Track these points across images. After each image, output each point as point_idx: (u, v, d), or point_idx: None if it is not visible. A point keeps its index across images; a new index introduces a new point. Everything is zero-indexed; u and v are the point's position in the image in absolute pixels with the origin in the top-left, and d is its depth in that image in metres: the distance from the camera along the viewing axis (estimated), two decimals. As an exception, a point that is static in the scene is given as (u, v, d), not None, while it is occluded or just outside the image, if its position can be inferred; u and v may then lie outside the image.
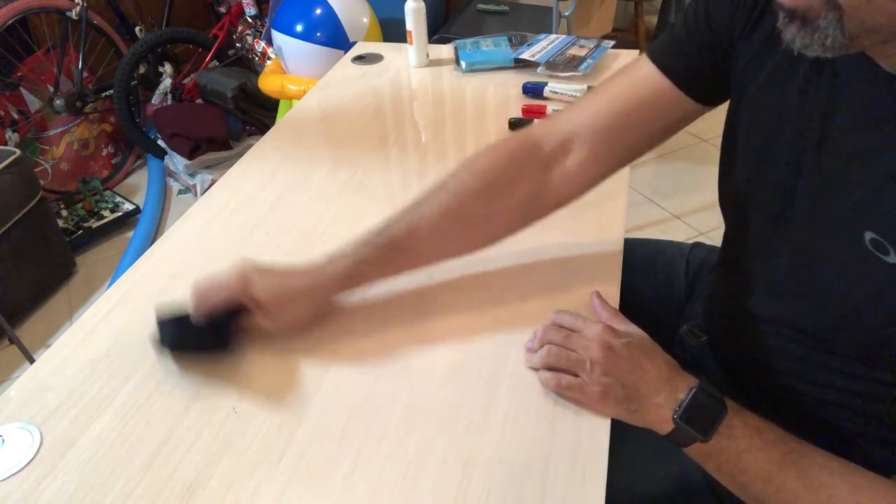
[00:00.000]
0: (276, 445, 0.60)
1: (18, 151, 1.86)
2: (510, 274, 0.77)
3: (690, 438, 0.57)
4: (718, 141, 0.68)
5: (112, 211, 2.28)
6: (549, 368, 0.63)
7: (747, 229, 0.65)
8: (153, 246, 0.86)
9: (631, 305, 0.73)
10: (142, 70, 2.55)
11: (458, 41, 1.34)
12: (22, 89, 2.30)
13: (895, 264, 0.51)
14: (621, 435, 0.60)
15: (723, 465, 0.57)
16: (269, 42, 2.23)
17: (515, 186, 0.71)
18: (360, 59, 1.35)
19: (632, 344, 0.62)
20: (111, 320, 0.75)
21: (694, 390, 0.58)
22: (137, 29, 2.59)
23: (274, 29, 1.93)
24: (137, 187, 2.51)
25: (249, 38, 2.54)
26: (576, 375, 0.61)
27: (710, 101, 0.67)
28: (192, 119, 2.41)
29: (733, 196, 0.67)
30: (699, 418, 0.57)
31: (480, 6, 2.29)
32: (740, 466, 0.56)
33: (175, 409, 0.64)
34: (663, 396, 0.58)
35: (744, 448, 0.56)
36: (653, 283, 0.95)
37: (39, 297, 1.98)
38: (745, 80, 0.62)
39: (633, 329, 0.66)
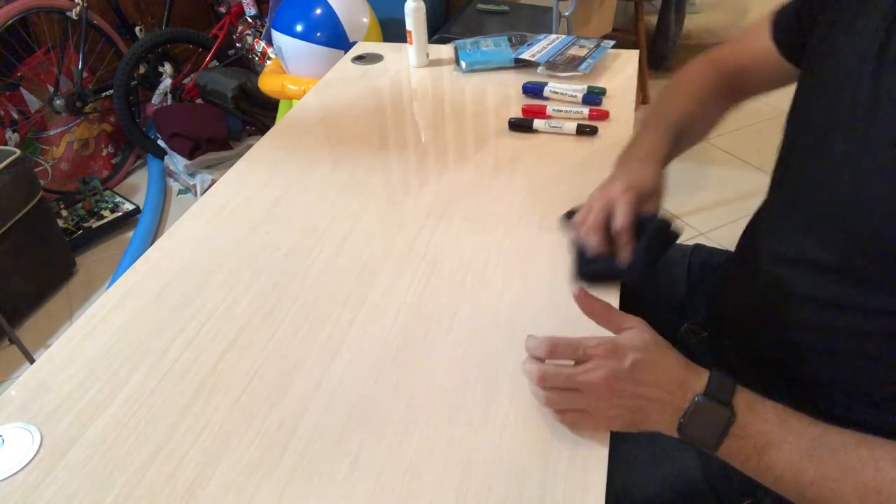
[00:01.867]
0: (276, 445, 0.60)
1: (18, 151, 1.86)
2: (510, 274, 0.77)
3: (699, 447, 0.56)
4: (719, 141, 0.68)
5: (112, 211, 2.29)
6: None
7: (800, 151, 0.67)
8: (153, 246, 0.86)
9: (631, 306, 0.73)
10: (142, 70, 2.55)
11: (458, 41, 1.34)
12: (22, 89, 2.30)
13: None
14: (620, 437, 0.60)
15: (746, 463, 0.55)
16: (269, 42, 2.23)
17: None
18: (360, 59, 1.35)
19: (636, 366, 0.57)
20: (111, 320, 0.75)
21: (698, 400, 0.55)
22: (137, 29, 2.59)
23: (274, 29, 1.93)
24: (137, 187, 2.51)
25: (249, 38, 2.54)
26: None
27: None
28: (192, 119, 2.42)
29: (794, 119, 0.70)
30: (703, 432, 0.55)
31: (480, 6, 2.29)
32: (765, 462, 0.54)
33: (175, 409, 0.64)
34: (668, 412, 0.57)
35: (763, 444, 0.54)
36: (653, 284, 0.95)
37: (39, 297, 1.98)
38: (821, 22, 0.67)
39: (633, 325, 0.61)
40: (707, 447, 0.56)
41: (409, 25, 1.24)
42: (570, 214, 0.76)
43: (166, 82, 2.60)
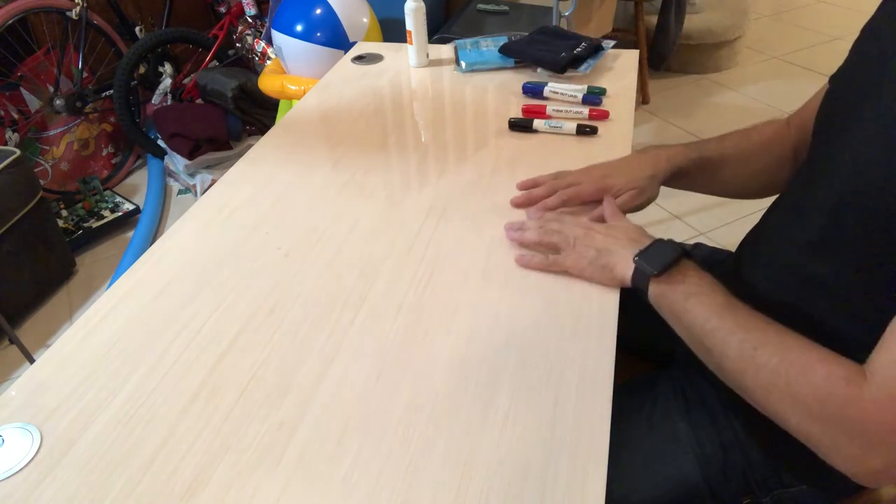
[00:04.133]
0: (276, 445, 0.60)
1: (18, 151, 1.86)
2: (509, 273, 0.77)
3: (646, 275, 0.66)
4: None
5: (112, 211, 2.29)
6: (537, 244, 0.77)
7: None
8: (153, 246, 0.86)
9: (631, 304, 0.73)
10: (142, 70, 2.55)
11: (458, 41, 1.34)
12: (22, 89, 2.30)
13: None
14: (618, 441, 0.60)
15: (672, 307, 0.65)
16: (269, 42, 2.23)
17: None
18: (360, 59, 1.35)
19: (613, 226, 0.75)
20: (111, 320, 0.75)
21: (656, 240, 0.70)
22: (137, 29, 2.59)
23: (274, 29, 1.92)
24: (137, 187, 2.51)
25: (249, 38, 2.54)
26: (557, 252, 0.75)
27: None
28: (192, 119, 2.41)
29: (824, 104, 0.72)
30: (654, 256, 0.67)
31: (480, 6, 2.29)
32: (686, 306, 0.64)
33: (175, 409, 0.64)
34: (629, 249, 0.70)
35: (692, 292, 0.64)
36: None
37: (39, 297, 1.98)
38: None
39: (625, 224, 0.76)
40: (653, 272, 0.65)
41: (409, 25, 1.24)
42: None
43: (166, 82, 2.60)
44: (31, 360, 1.71)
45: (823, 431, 0.53)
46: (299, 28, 1.86)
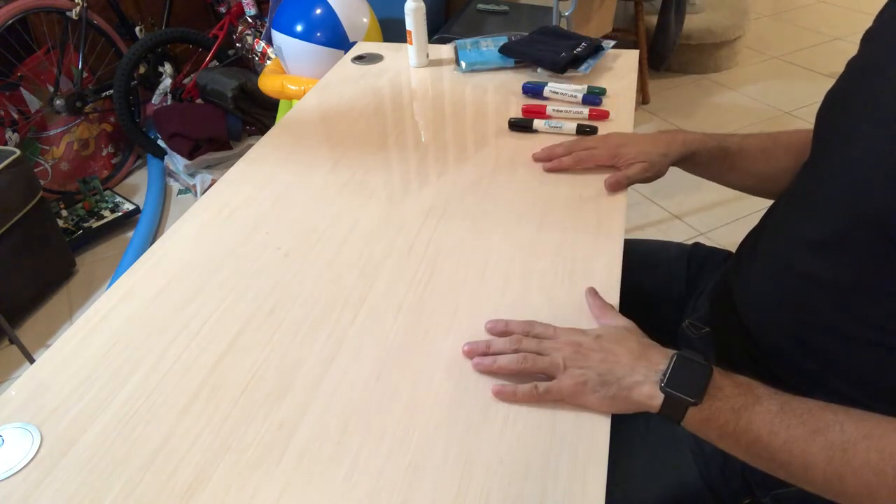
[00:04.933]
0: (276, 445, 0.60)
1: (18, 151, 1.86)
2: (510, 273, 0.77)
3: (682, 405, 0.57)
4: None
5: (112, 211, 2.29)
6: (520, 373, 0.63)
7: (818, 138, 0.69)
8: (153, 246, 0.86)
9: (631, 304, 0.73)
10: (142, 70, 2.55)
11: (458, 41, 1.34)
12: (22, 89, 2.30)
13: None
14: (617, 442, 0.60)
15: (724, 429, 0.57)
16: (269, 42, 2.23)
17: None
18: (360, 59, 1.35)
19: (601, 336, 0.63)
20: (111, 320, 0.75)
21: (675, 357, 0.59)
22: (137, 29, 2.59)
23: (274, 29, 1.92)
24: (137, 187, 2.51)
25: (249, 38, 2.54)
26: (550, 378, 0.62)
27: None
28: (192, 119, 2.41)
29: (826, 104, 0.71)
30: (686, 382, 0.57)
31: (480, 6, 2.29)
32: (741, 425, 0.56)
33: (175, 409, 0.64)
34: (641, 373, 0.59)
35: (739, 406, 0.56)
36: (653, 282, 0.95)
37: (39, 297, 1.98)
38: None
39: (619, 322, 0.67)
40: (693, 400, 0.56)
41: (409, 25, 1.24)
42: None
43: (166, 82, 2.60)
44: (31, 360, 1.71)
45: None
46: (299, 28, 1.86)
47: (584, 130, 1.01)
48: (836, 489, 0.53)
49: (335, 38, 1.86)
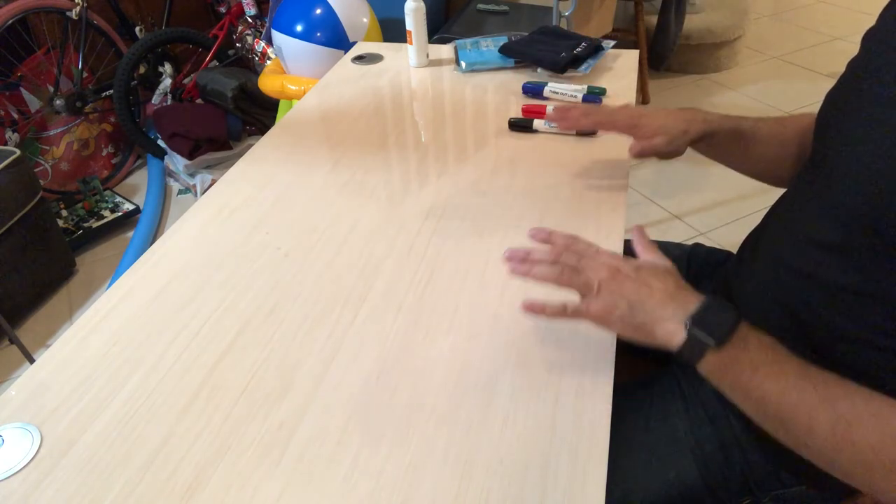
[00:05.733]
0: (276, 445, 0.60)
1: (18, 151, 1.86)
2: (510, 274, 0.77)
3: (703, 346, 0.56)
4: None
5: (112, 211, 2.29)
6: (554, 285, 0.64)
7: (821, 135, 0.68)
8: (153, 246, 0.86)
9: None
10: (142, 70, 2.55)
11: (458, 41, 1.34)
12: (22, 89, 2.30)
13: None
14: (617, 441, 0.60)
15: (738, 379, 0.56)
16: (269, 42, 2.23)
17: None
18: (360, 59, 1.35)
19: (641, 268, 0.63)
20: (111, 320, 0.75)
21: (706, 300, 0.59)
22: (137, 29, 2.59)
23: (274, 29, 1.92)
24: (137, 187, 2.51)
25: (249, 38, 2.54)
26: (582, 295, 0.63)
27: None
28: (192, 119, 2.41)
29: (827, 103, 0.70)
30: (712, 323, 0.57)
31: (480, 6, 2.29)
32: (756, 380, 0.55)
33: (175, 409, 0.64)
34: (671, 310, 0.59)
35: (759, 361, 0.56)
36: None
37: (39, 297, 1.98)
38: None
39: (661, 262, 0.65)
40: (713, 344, 0.56)
41: (409, 25, 1.24)
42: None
43: (166, 82, 2.60)
44: (31, 360, 1.71)
45: None
46: (299, 28, 1.86)
47: (583, 131, 1.01)
48: (833, 460, 0.54)
49: (335, 38, 1.86)
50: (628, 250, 0.81)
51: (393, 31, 2.03)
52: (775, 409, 0.55)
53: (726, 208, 2.11)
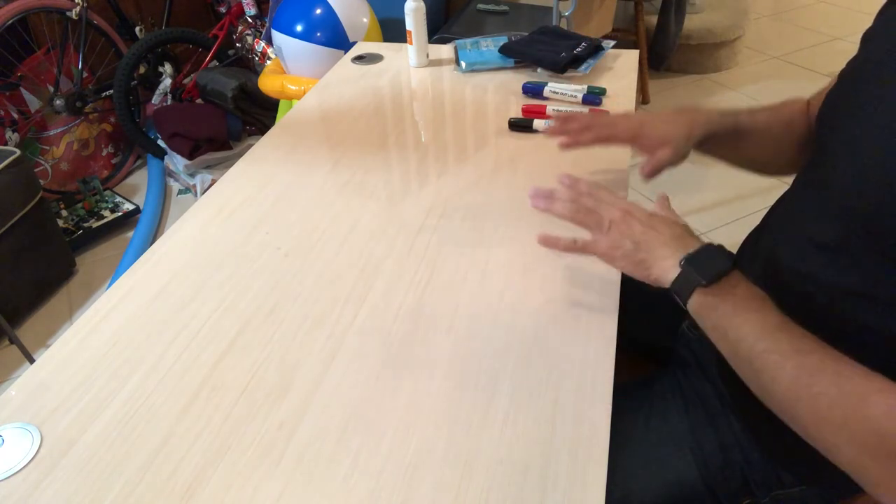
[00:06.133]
0: (276, 445, 0.60)
1: (18, 151, 1.86)
2: (510, 272, 0.77)
3: (692, 283, 0.60)
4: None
5: (112, 211, 2.29)
6: (567, 218, 0.69)
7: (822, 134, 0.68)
8: (153, 246, 0.86)
9: (631, 304, 0.73)
10: (142, 70, 2.55)
11: (458, 41, 1.34)
12: (22, 89, 2.30)
13: None
14: (617, 441, 0.60)
15: (719, 320, 0.59)
16: (269, 42, 2.23)
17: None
18: (360, 59, 1.35)
19: (654, 216, 0.67)
20: (111, 320, 0.75)
21: (707, 244, 0.62)
22: (137, 29, 2.59)
23: (274, 29, 1.92)
24: (137, 187, 2.51)
25: (249, 38, 2.54)
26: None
27: None
28: (192, 119, 2.41)
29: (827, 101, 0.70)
30: (704, 263, 0.60)
31: (480, 6, 2.29)
32: (736, 322, 0.58)
33: (175, 409, 0.64)
34: (671, 249, 0.63)
35: (743, 307, 0.58)
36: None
37: (39, 297, 1.98)
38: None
39: (675, 218, 0.69)
40: (702, 281, 0.59)
41: (409, 25, 1.24)
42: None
43: (166, 82, 2.60)
44: (31, 360, 1.71)
45: (881, 470, 0.50)
46: (299, 28, 1.86)
47: (584, 130, 1.01)
48: (790, 411, 0.55)
49: (335, 38, 1.86)
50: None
51: (393, 31, 2.03)
52: (747, 353, 0.57)
53: (726, 208, 2.11)
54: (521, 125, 1.05)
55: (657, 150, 0.82)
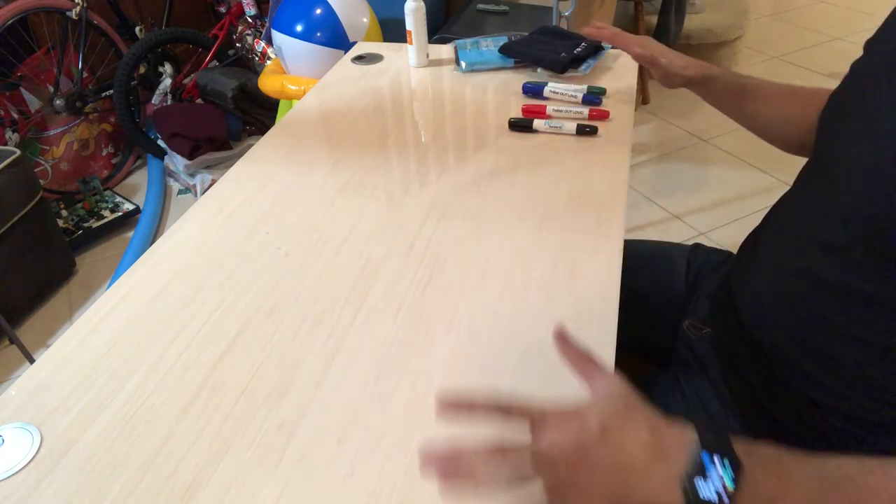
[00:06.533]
0: (276, 445, 0.60)
1: (18, 151, 1.86)
2: (510, 273, 0.77)
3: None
4: (718, 141, 0.69)
5: (112, 211, 2.29)
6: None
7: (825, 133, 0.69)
8: (153, 246, 0.86)
9: (631, 304, 0.74)
10: (142, 70, 2.55)
11: (458, 41, 1.34)
12: (22, 89, 2.30)
13: None
14: None
15: None
16: (269, 42, 2.23)
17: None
18: (360, 59, 1.35)
19: (607, 429, 0.48)
20: (111, 320, 0.75)
21: (693, 453, 0.45)
22: (137, 29, 2.59)
23: (274, 29, 1.92)
24: (137, 187, 2.51)
25: (249, 38, 2.54)
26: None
27: None
28: (192, 119, 2.42)
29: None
30: (715, 482, 0.45)
31: (480, 6, 2.29)
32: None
33: (175, 409, 0.64)
34: (660, 477, 0.46)
35: (774, 495, 0.46)
36: (653, 282, 0.95)
37: (39, 297, 1.98)
38: None
39: (611, 384, 0.52)
40: (724, 498, 0.44)
41: (409, 25, 1.24)
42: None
43: (166, 82, 2.60)
44: (31, 360, 1.71)
45: None
46: (299, 28, 1.86)
47: (584, 131, 1.01)
48: None
49: (335, 38, 1.86)
50: (629, 250, 0.81)
51: (393, 31, 2.03)
52: None
53: (726, 208, 2.11)
54: (521, 125, 1.05)
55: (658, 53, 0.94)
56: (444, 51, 1.34)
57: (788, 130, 0.86)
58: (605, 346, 0.67)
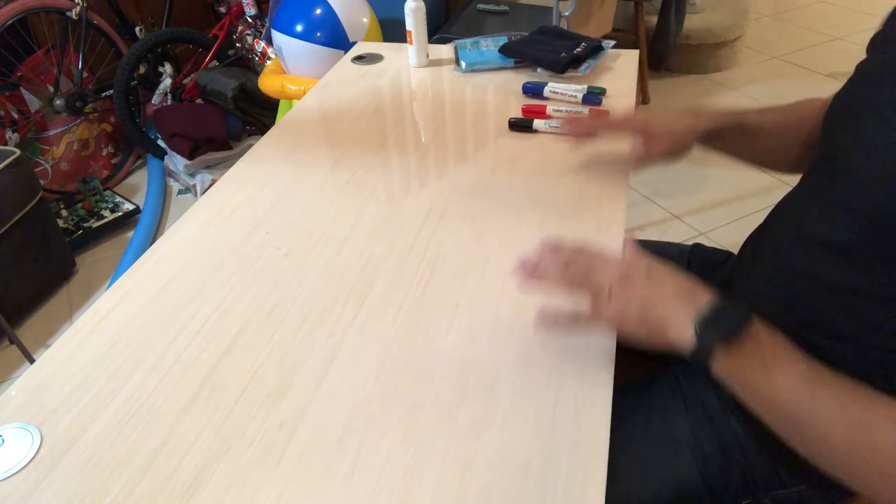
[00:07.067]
0: (276, 445, 0.60)
1: (18, 151, 1.86)
2: (510, 272, 0.77)
3: (712, 348, 0.56)
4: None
5: (112, 211, 2.29)
6: (561, 289, 0.64)
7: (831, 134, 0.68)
8: (153, 246, 0.86)
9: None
10: (142, 70, 2.55)
11: (458, 41, 1.34)
12: (22, 89, 2.30)
13: None
14: (617, 441, 0.60)
15: (748, 379, 0.56)
16: (269, 42, 2.23)
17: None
18: (360, 59, 1.35)
19: (652, 268, 0.62)
20: (111, 320, 0.75)
21: (716, 301, 0.58)
22: (137, 29, 2.59)
23: (274, 29, 1.92)
24: (137, 187, 2.51)
25: (249, 38, 2.54)
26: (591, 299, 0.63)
27: None
28: (192, 119, 2.42)
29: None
30: (719, 322, 0.56)
31: (480, 6, 2.29)
32: (765, 380, 0.55)
33: (175, 409, 0.64)
34: (682, 311, 0.58)
35: (770, 362, 0.55)
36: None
37: (39, 297, 1.98)
38: None
39: (663, 268, 0.64)
40: (726, 341, 0.55)
41: (409, 25, 1.24)
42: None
43: (166, 82, 2.60)
44: (31, 360, 1.71)
45: None
46: (299, 28, 1.86)
47: (584, 130, 1.01)
48: (847, 468, 0.53)
49: (335, 38, 1.86)
50: None
51: (393, 31, 2.03)
52: (790, 413, 0.54)
53: (726, 208, 2.11)
54: (521, 125, 1.05)
55: (655, 143, 0.85)
56: (444, 51, 1.34)
57: (792, 155, 0.85)
58: (605, 345, 0.67)
